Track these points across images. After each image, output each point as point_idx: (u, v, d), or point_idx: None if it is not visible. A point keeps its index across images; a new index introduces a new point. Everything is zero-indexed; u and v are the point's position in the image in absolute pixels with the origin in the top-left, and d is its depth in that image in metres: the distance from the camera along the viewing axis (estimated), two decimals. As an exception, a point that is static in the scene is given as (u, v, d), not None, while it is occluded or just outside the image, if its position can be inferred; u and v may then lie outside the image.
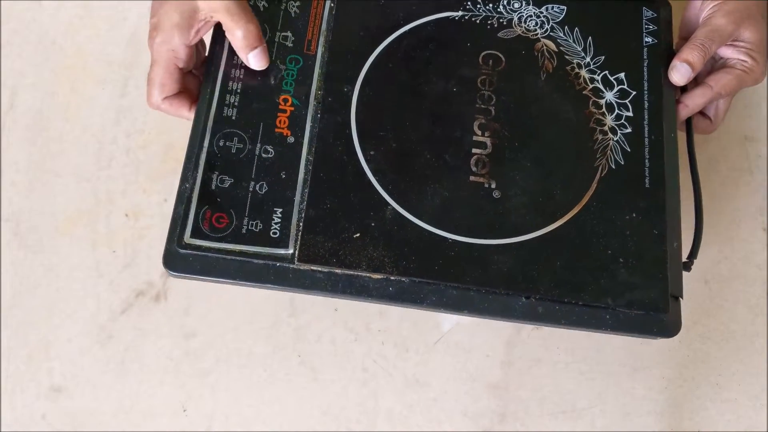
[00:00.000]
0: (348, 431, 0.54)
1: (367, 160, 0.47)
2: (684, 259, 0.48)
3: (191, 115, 0.49)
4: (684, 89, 0.52)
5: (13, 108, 0.62)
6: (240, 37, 0.47)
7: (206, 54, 0.51)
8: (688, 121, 0.53)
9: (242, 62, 0.48)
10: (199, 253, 0.44)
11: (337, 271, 0.45)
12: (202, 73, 0.50)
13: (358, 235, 0.45)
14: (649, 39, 0.52)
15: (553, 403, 0.54)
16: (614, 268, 0.46)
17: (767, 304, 0.57)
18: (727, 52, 0.52)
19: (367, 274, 0.45)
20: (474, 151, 0.48)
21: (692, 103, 0.51)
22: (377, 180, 0.47)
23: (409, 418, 0.54)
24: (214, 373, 0.55)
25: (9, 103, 0.62)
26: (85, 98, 0.62)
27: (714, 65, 0.53)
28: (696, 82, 0.52)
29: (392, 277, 0.45)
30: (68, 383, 0.54)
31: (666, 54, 0.52)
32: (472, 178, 0.47)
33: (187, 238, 0.44)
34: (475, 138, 0.48)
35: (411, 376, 0.55)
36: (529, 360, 0.55)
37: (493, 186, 0.47)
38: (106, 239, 0.58)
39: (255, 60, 0.48)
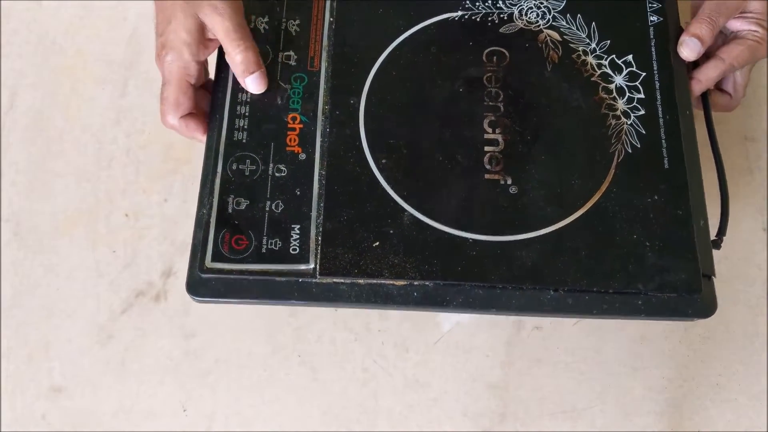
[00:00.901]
0: (348, 431, 0.54)
1: (379, 169, 0.47)
2: (713, 237, 0.47)
3: (205, 138, 0.49)
4: (696, 66, 0.52)
5: (13, 108, 0.62)
6: (238, 62, 0.47)
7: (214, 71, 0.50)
8: (705, 98, 0.52)
9: None
10: (221, 276, 0.44)
11: (359, 281, 0.45)
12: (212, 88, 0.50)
13: (377, 243, 0.45)
14: (654, 18, 0.51)
15: (553, 403, 0.54)
16: (641, 253, 0.45)
17: (767, 304, 0.57)
18: (736, 25, 0.51)
19: (391, 282, 0.44)
20: (486, 149, 0.48)
21: (705, 77, 0.51)
22: (391, 187, 0.46)
23: (409, 418, 0.54)
24: (214, 373, 0.55)
25: (9, 103, 0.62)
26: (85, 98, 0.62)
27: (724, 40, 0.53)
28: (707, 57, 0.52)
29: (416, 282, 0.44)
30: (68, 383, 0.54)
31: (673, 31, 0.51)
32: (487, 176, 0.47)
33: (208, 262, 0.44)
34: (486, 136, 0.48)
35: (411, 376, 0.55)
36: (529, 360, 0.55)
37: (509, 182, 0.47)
38: (106, 239, 0.58)
39: (252, 84, 0.48)
